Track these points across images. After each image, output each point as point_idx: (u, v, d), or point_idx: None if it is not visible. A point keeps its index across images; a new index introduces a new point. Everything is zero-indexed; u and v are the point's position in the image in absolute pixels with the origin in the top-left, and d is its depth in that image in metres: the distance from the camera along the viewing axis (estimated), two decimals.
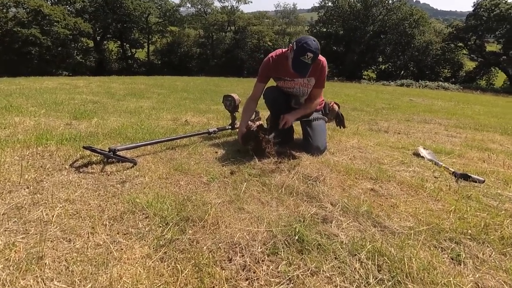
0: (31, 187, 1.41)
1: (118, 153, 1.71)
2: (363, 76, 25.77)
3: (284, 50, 2.15)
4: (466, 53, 26.12)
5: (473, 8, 24.85)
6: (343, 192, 1.61)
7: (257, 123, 2.67)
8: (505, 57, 23.70)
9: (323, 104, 2.40)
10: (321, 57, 2.09)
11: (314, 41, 1.93)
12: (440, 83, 18.70)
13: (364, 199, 1.53)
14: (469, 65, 26.32)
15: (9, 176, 1.48)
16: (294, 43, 1.97)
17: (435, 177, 1.93)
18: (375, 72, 27.67)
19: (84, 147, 1.60)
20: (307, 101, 2.26)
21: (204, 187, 1.56)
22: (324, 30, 29.21)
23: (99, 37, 26.94)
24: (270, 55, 2.18)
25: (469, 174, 1.89)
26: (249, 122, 2.58)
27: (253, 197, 1.48)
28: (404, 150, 2.48)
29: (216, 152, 2.08)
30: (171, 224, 1.19)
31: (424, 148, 2.45)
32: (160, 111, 3.49)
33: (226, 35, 30.16)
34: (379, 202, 1.54)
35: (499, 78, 25.42)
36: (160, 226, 1.18)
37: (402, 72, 26.15)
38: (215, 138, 2.42)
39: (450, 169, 2.04)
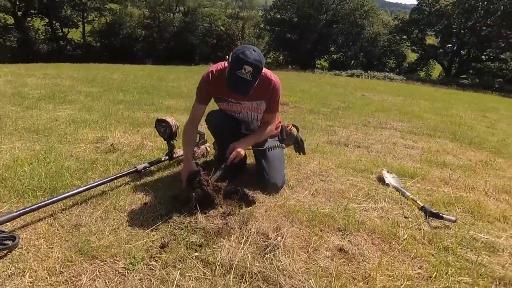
0: None
1: None
2: (316, 65, 26.24)
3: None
4: (409, 45, 28.04)
5: (417, 2, 26.53)
6: (309, 261, 1.27)
7: (202, 147, 2.21)
8: (441, 50, 26.02)
9: (279, 129, 2.03)
10: (273, 77, 1.71)
11: (254, 51, 1.51)
12: (387, 74, 19.98)
13: (335, 274, 1.20)
14: (411, 57, 28.41)
15: None
16: (230, 55, 1.55)
17: (405, 217, 1.70)
18: (328, 62, 28.39)
19: None
20: (260, 127, 1.86)
21: (118, 283, 1.08)
22: (278, 16, 28.81)
23: (20, 13, 22.90)
24: (210, 69, 1.72)
25: (440, 214, 1.69)
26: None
27: None
28: (368, 174, 2.25)
29: (145, 204, 1.58)
30: None
31: (388, 172, 2.24)
32: (81, 125, 2.79)
33: (174, 16, 28.02)
34: (352, 273, 1.23)
35: (436, 70, 27.97)
36: None
37: (353, 62, 27.25)
38: (147, 176, 1.91)
39: (419, 202, 1.84)
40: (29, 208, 1.32)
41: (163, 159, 1.95)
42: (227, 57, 1.57)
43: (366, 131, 3.62)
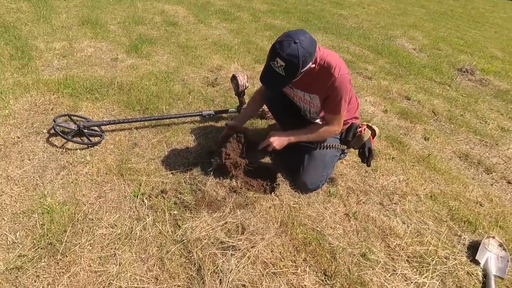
0: None
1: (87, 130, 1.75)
2: None
3: None
4: None
5: None
6: (254, 281, 1.20)
7: None
8: None
9: (347, 125, 1.60)
10: (337, 71, 1.34)
11: (296, 43, 1.20)
12: None
13: None
14: None
15: None
16: None
17: None
18: None
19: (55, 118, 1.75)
20: (314, 125, 1.57)
21: (116, 202, 1.45)
22: None
23: None
24: None
25: None
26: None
27: (141, 239, 1.30)
28: (461, 230, 1.52)
29: (187, 148, 1.82)
30: (29, 252, 1.20)
31: (500, 245, 1.44)
32: (216, 49, 3.17)
33: None
34: None
35: None
36: (28, 247, 1.22)
37: None
38: (211, 121, 2.09)
39: None
40: (113, 121, 1.84)
41: (230, 110, 2.05)
42: None
43: None
